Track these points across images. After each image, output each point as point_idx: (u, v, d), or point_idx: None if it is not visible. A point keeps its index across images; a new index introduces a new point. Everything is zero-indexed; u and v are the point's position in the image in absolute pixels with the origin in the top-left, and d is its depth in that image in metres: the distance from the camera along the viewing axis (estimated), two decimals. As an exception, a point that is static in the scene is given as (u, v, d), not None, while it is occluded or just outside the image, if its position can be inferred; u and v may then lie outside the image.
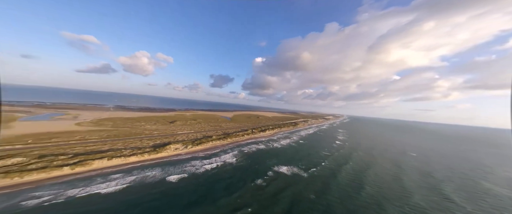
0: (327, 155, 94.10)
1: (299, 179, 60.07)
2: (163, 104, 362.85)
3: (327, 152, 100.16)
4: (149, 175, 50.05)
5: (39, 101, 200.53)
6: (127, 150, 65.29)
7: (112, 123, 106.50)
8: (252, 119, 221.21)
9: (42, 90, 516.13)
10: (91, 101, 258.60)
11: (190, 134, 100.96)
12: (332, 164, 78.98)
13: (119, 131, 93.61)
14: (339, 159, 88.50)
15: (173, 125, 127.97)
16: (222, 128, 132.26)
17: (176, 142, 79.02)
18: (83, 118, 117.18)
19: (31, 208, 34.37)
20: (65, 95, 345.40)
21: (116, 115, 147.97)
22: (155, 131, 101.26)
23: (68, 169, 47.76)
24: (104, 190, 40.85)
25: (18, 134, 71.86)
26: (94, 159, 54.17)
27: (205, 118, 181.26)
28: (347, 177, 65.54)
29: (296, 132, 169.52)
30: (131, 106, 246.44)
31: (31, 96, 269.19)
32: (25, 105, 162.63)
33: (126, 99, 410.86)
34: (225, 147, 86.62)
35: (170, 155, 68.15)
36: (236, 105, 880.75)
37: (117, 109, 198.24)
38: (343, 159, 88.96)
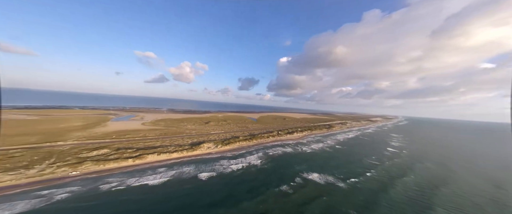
0: (374, 164, 60.48)
1: (334, 189, 39.84)
2: (201, 107, 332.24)
3: (375, 160, 65.38)
4: (185, 171, 43.30)
5: (122, 106, 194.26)
6: (171, 146, 58.85)
7: (164, 123, 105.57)
8: (278, 121, 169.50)
9: (125, 98, 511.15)
10: (152, 106, 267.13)
11: (221, 134, 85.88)
12: (382, 175, 50.25)
13: (168, 130, 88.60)
14: (392, 169, 55.96)
15: (207, 125, 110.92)
16: (248, 129, 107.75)
17: (209, 141, 68.33)
18: (146, 119, 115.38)
19: (104, 192, 32.83)
20: (138, 102, 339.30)
21: (168, 117, 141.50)
22: (193, 131, 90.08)
23: (131, 161, 47.06)
24: (151, 182, 37.11)
25: (109, 131, 71.51)
26: (148, 154, 51.03)
27: (234, 119, 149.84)
28: (405, 193, 39.84)
29: (330, 135, 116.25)
30: (178, 109, 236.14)
31: (119, 102, 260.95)
32: (115, 109, 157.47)
33: (175, 104, 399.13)
34: (250, 148, 69.07)
35: (203, 153, 58.02)
36: (262, 107, 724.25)
37: (169, 111, 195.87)
38: (400, 170, 55.50)
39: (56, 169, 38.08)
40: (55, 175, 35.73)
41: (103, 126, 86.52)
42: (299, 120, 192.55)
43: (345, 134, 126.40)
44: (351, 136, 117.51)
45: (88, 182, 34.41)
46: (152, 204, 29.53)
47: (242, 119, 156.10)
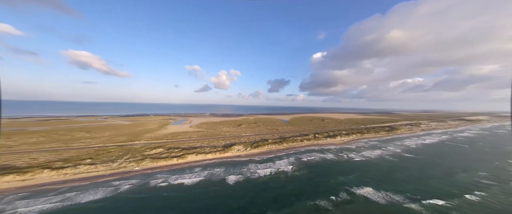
0: (481, 182, 36.24)
1: (401, 212, 26.48)
2: (235, 111, 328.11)
3: (483, 177, 39.54)
4: (216, 172, 42.13)
5: (179, 113, 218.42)
6: (208, 147, 59.25)
7: (206, 126, 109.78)
8: (315, 122, 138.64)
9: (181, 106, 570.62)
10: (199, 111, 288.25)
11: (251, 137, 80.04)
12: (501, 202, 28.37)
13: (208, 132, 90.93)
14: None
15: (239, 128, 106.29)
16: (279, 132, 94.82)
17: (239, 144, 65.28)
18: (193, 123, 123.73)
19: (152, 187, 34.66)
20: (189, 108, 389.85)
21: (209, 120, 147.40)
22: (227, 133, 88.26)
23: (175, 160, 50.12)
24: (187, 181, 37.84)
25: (167, 133, 79.67)
26: (189, 154, 53.30)
27: (264, 121, 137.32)
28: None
29: (393, 140, 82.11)
30: (217, 113, 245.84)
31: (177, 109, 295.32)
32: (174, 115, 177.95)
33: (215, 109, 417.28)
34: (280, 152, 59.33)
35: (233, 155, 55.14)
36: (295, 108, 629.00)
37: (210, 115, 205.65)
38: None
39: (128, 164, 45.33)
40: (125, 168, 42.60)
41: (164, 128, 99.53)
42: (342, 121, 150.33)
43: (419, 138, 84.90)
44: (431, 141, 77.77)
45: (144, 177, 38.85)
46: (185, 202, 30.38)
47: (272, 121, 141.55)
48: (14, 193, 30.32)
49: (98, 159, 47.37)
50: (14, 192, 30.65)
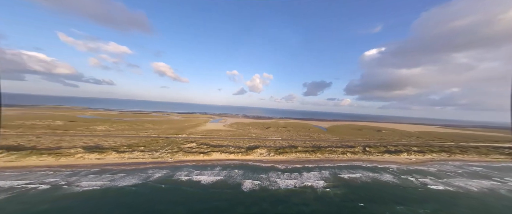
0: None
1: None
2: (266, 113, 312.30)
3: None
4: (234, 174, 38.59)
5: (218, 112, 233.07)
6: (232, 147, 56.72)
7: (236, 126, 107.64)
8: (366, 133, 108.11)
9: (221, 107, 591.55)
10: (234, 112, 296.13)
11: (277, 141, 71.12)
12: None
13: (237, 132, 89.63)
14: None
15: (267, 130, 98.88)
16: (313, 139, 79.15)
17: (263, 147, 58.94)
18: (227, 122, 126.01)
19: (176, 179, 34.32)
20: (227, 109, 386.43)
21: (240, 121, 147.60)
22: (254, 135, 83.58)
23: (201, 156, 50.06)
24: (206, 178, 35.96)
25: (204, 129, 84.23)
26: (214, 152, 52.35)
27: (295, 126, 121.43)
28: None
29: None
30: (249, 115, 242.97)
31: (218, 110, 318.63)
32: (214, 114, 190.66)
33: (248, 111, 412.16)
34: (310, 163, 48.16)
35: (255, 159, 49.37)
36: (337, 114, 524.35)
37: (242, 117, 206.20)
38: None
39: (166, 154, 49.04)
40: (162, 159, 45.76)
41: (203, 125, 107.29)
42: (412, 134, 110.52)
43: None
44: None
45: (172, 169, 39.73)
46: (197, 201, 28.36)
47: (305, 127, 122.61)
48: (88, 168, 36.98)
49: (148, 147, 54.07)
50: (89, 168, 37.41)
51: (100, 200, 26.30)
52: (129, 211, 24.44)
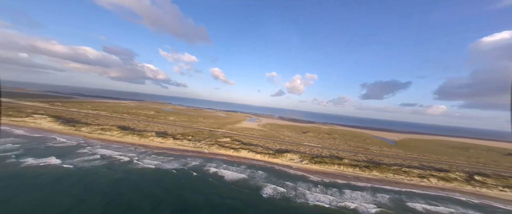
0: None
1: None
2: (306, 117, 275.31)
3: None
4: (257, 176, 35.43)
5: (255, 112, 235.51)
6: (261, 147, 53.39)
7: (269, 127, 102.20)
8: (475, 154, 67.45)
9: (259, 107, 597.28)
10: (270, 113, 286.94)
11: (315, 148, 60.80)
12: None
13: (269, 132, 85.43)
14: None
15: (304, 135, 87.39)
16: (370, 153, 61.88)
17: (295, 152, 51.19)
18: (261, 122, 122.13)
19: (206, 170, 34.74)
20: (264, 110, 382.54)
21: (275, 122, 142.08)
22: (287, 138, 76.25)
23: (231, 152, 50.71)
24: (229, 173, 34.66)
25: (240, 127, 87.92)
26: (243, 149, 51.03)
27: (345, 135, 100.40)
28: None
29: None
30: (285, 117, 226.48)
31: (256, 110, 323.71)
32: (252, 114, 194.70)
33: (286, 113, 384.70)
34: (360, 181, 36.57)
35: (282, 164, 43.71)
36: (418, 125, 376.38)
37: (278, 118, 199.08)
38: None
39: (204, 145, 52.90)
40: (201, 149, 49.53)
41: (240, 123, 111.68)
42: None
43: None
44: None
45: (205, 160, 41.57)
46: (216, 194, 27.26)
47: (360, 136, 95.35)
48: (152, 149, 46.18)
49: (194, 137, 61.45)
50: (152, 149, 46.63)
51: (150, 177, 30.95)
52: (163, 192, 26.80)
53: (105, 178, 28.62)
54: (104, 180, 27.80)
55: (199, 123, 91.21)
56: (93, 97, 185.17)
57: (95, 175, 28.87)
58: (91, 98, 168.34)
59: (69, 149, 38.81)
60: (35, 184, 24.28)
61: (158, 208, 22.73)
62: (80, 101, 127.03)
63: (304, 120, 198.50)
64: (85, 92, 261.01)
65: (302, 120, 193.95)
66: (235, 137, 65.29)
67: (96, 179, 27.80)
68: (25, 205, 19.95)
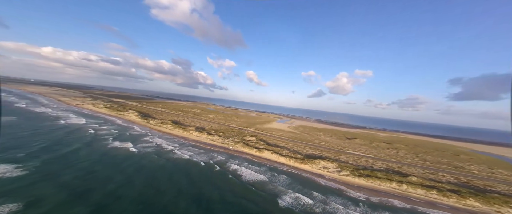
0: None
1: None
2: (356, 122, 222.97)
3: None
4: (277, 180, 31.65)
5: (287, 114, 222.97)
6: (287, 150, 48.41)
7: (302, 129, 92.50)
8: None
9: (293, 109, 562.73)
10: (306, 115, 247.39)
11: (363, 158, 48.67)
12: None
13: (301, 135, 77.74)
14: None
15: (348, 142, 72.77)
16: (466, 173, 41.25)
17: (331, 160, 42.65)
18: (293, 124, 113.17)
19: (228, 167, 34.89)
20: (299, 112, 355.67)
21: (310, 125, 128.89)
22: (324, 142, 65.39)
23: (254, 151, 49.06)
24: (248, 172, 32.91)
25: (268, 127, 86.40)
26: (267, 150, 48.25)
27: (417, 145, 74.48)
28: None
29: None
30: (325, 120, 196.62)
31: (288, 111, 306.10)
32: (283, 115, 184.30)
33: (326, 116, 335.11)
34: (438, 209, 24.69)
35: (311, 171, 37.05)
36: None
37: (314, 121, 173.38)
38: None
39: (231, 142, 54.53)
40: (227, 145, 51.22)
41: (269, 123, 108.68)
42: None
43: None
44: None
45: (228, 157, 42.11)
46: (231, 193, 26.04)
47: (448, 150, 68.71)
48: (189, 142, 53.41)
49: (224, 134, 65.35)
50: (190, 141, 53.93)
51: (182, 166, 34.67)
52: (187, 182, 28.82)
53: (152, 162, 35.01)
54: (150, 164, 33.98)
55: (231, 121, 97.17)
56: (165, 99, 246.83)
57: (146, 160, 35.98)
58: (163, 99, 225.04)
59: (138, 137, 51.94)
60: (109, 161, 32.54)
61: (178, 196, 24.36)
62: (156, 102, 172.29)
63: (351, 124, 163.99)
64: (161, 95, 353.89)
65: (347, 124, 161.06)
66: (261, 136, 63.57)
67: (146, 163, 34.35)
68: (92, 177, 26.02)
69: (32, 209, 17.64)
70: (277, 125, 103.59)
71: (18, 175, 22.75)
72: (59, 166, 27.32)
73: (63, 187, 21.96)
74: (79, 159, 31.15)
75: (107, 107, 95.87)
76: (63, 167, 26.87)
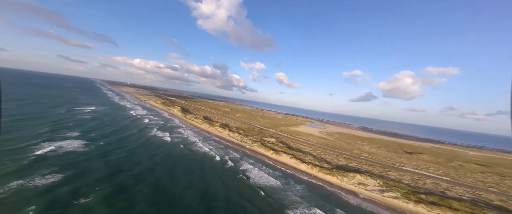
0: None
1: None
2: (424, 134, 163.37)
3: None
4: (292, 189, 26.36)
5: (321, 119, 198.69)
6: (312, 157, 40.72)
7: (338, 136, 78.34)
8: None
9: (330, 114, 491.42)
10: (347, 122, 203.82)
11: (428, 180, 32.92)
12: None
13: (335, 143, 66.05)
14: None
15: (407, 157, 54.03)
16: None
17: (373, 176, 31.97)
18: (327, 129, 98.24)
19: (239, 164, 33.21)
20: (337, 117, 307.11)
21: (351, 132, 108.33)
22: (366, 154, 51.82)
23: (270, 153, 44.64)
24: (259, 175, 29.49)
25: (294, 130, 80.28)
26: (286, 153, 42.27)
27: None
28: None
29: None
30: (373, 128, 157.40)
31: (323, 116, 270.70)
32: (315, 119, 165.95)
33: (376, 123, 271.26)
34: None
35: (340, 186, 29.11)
36: None
37: (358, 128, 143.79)
38: None
39: (248, 140, 52.49)
40: (244, 143, 49.48)
41: (296, 126, 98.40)
42: None
43: None
44: None
45: (244, 154, 40.15)
46: (237, 192, 23.47)
47: None
48: (212, 136, 55.63)
49: (245, 132, 64.26)
50: (212, 136, 56.10)
51: (199, 158, 35.70)
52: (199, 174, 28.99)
53: (177, 151, 38.35)
54: (175, 153, 37.19)
55: (255, 121, 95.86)
56: (205, 99, 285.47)
57: (173, 149, 39.87)
58: (204, 99, 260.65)
59: (175, 128, 60.16)
60: (147, 147, 37.21)
61: (187, 188, 24.43)
62: (197, 101, 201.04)
63: (414, 136, 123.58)
64: (203, 96, 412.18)
65: (409, 136, 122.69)
66: (282, 138, 57.62)
67: (173, 152, 37.77)
68: (129, 160, 29.76)
69: (72, 180, 20.32)
70: (306, 129, 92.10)
71: (82, 150, 28.96)
72: (114, 147, 34.47)
73: (106, 165, 25.35)
74: (129, 143, 38.64)
75: (162, 103, 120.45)
76: (115, 148, 33.83)
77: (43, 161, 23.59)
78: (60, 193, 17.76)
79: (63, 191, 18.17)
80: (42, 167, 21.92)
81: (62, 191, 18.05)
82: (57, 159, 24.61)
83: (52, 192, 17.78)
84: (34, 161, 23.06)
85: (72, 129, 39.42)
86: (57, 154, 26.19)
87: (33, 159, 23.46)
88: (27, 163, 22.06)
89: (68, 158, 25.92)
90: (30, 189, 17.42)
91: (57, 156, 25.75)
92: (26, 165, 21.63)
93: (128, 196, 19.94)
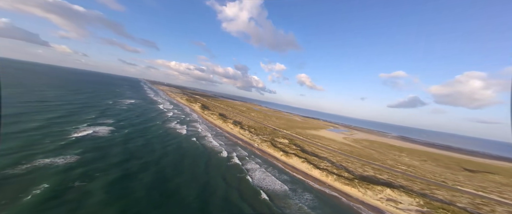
0: None
1: None
2: (497, 150, 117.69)
3: None
4: (299, 197, 22.21)
5: (349, 124, 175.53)
6: (329, 163, 34.89)
7: (367, 144, 67.12)
8: None
9: (362, 121, 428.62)
10: (382, 129, 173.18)
11: (500, 208, 22.01)
12: None
13: (360, 150, 56.68)
14: None
15: (465, 175, 38.88)
16: None
17: (411, 194, 23.34)
18: (354, 136, 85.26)
19: (247, 163, 31.34)
20: (370, 124, 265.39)
21: (385, 141, 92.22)
22: (404, 166, 40.45)
23: (279, 154, 40.57)
24: (263, 177, 26.54)
25: (313, 133, 74.54)
26: (297, 156, 37.49)
27: None
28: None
29: None
30: (416, 139, 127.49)
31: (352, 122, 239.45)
32: (340, 124, 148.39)
33: (423, 134, 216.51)
34: None
35: (361, 200, 22.30)
36: None
37: (395, 137, 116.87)
38: None
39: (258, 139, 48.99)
40: (253, 142, 46.65)
41: (316, 130, 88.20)
42: None
43: None
44: None
45: (251, 153, 37.37)
46: (238, 193, 20.87)
47: None
48: (223, 132, 54.96)
49: (256, 131, 60.98)
50: (224, 132, 55.45)
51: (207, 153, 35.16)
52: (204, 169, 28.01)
53: (188, 144, 39.04)
54: (186, 146, 37.74)
55: (269, 121, 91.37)
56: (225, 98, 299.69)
57: (186, 141, 40.90)
58: (224, 99, 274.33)
59: (192, 122, 63.05)
60: (163, 138, 38.90)
61: (189, 181, 23.64)
62: (218, 99, 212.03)
63: (483, 152, 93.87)
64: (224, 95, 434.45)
65: (473, 151, 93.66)
66: (296, 141, 51.50)
67: (184, 144, 38.41)
68: (144, 148, 31.13)
69: (88, 163, 20.87)
70: (326, 133, 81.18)
71: (107, 136, 31.66)
72: (136, 135, 37.42)
73: (122, 151, 26.43)
74: (149, 133, 41.70)
75: (187, 100, 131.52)
76: (136, 136, 36.72)
77: (76, 143, 25.71)
78: (72, 174, 18.38)
79: (75, 173, 18.78)
80: (72, 148, 23.73)
81: (75, 173, 18.64)
82: (87, 142, 27.58)
83: (67, 173, 18.47)
84: (69, 142, 25.37)
85: (110, 117, 45.79)
86: (89, 138, 29.74)
87: (69, 141, 25.89)
88: (62, 143, 24.32)
89: (96, 142, 29.01)
90: (51, 168, 18.36)
91: (88, 139, 29.13)
92: (61, 145, 23.79)
93: (128, 183, 20.03)
